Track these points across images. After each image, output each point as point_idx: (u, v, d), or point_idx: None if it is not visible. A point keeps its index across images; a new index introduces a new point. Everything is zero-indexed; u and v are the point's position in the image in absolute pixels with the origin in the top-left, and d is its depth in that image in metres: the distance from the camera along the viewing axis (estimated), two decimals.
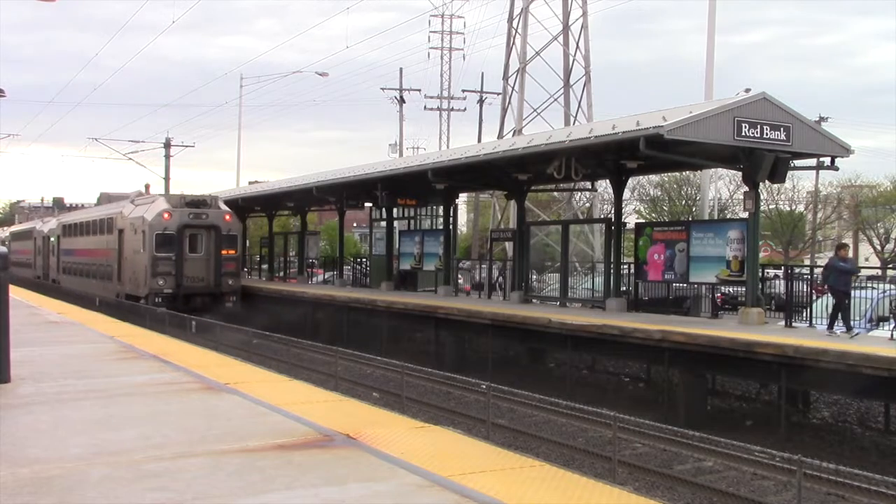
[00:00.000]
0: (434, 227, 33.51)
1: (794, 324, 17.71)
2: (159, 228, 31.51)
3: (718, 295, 22.16)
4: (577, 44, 36.42)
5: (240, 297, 32.93)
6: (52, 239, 48.78)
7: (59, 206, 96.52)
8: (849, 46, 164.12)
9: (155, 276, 31.31)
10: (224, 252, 32.50)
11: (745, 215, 19.52)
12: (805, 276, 20.23)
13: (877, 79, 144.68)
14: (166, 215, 31.84)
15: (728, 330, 16.44)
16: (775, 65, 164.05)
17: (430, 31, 58.86)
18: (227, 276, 32.48)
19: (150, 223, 31.71)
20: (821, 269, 18.05)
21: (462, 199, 55.58)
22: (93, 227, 40.42)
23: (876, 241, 63.25)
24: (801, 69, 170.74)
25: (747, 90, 30.55)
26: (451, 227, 30.52)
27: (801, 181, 61.57)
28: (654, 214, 62.80)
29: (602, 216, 37.72)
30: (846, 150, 18.55)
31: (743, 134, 17.05)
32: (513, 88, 37.07)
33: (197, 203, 32.93)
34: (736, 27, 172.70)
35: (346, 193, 32.44)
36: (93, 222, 40.78)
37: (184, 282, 31.49)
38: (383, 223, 34.50)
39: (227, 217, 33.28)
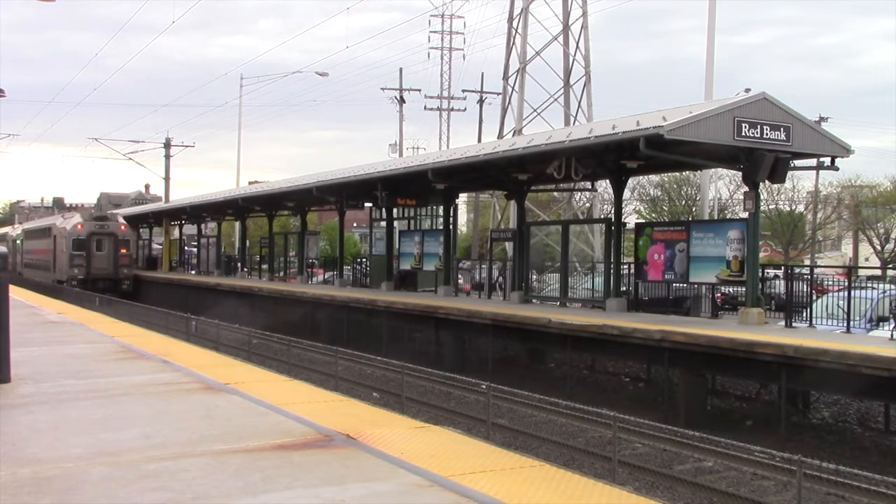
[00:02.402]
0: (434, 227, 33.49)
1: (794, 324, 17.69)
2: (75, 235, 46.28)
3: (718, 295, 22.14)
4: (577, 44, 36.43)
5: (132, 282, 47.42)
6: (18, 241, 63.25)
7: (58, 206, 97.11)
8: (850, 47, 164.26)
9: (72, 267, 45.97)
10: (121, 251, 47.36)
11: (745, 215, 19.51)
12: (805, 276, 20.21)
13: (878, 79, 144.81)
14: (79, 226, 46.75)
15: (728, 330, 16.42)
16: (776, 65, 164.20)
17: (431, 31, 58.93)
18: (122, 267, 47.32)
19: (69, 231, 46.61)
20: (821, 270, 18.03)
21: (462, 199, 55.59)
22: (40, 233, 55.24)
23: (876, 241, 63.26)
24: (803, 69, 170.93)
25: (747, 90, 30.59)
26: (451, 227, 30.50)
27: (801, 181, 61.71)
28: (654, 214, 62.84)
29: (602, 216, 37.71)
30: (846, 150, 18.54)
31: (743, 134, 17.03)
32: (513, 88, 37.06)
33: (101, 218, 48.24)
34: (737, 27, 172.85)
35: (346, 193, 32.41)
36: (40, 229, 56.15)
37: (92, 271, 46.07)
38: (383, 223, 34.48)
39: (123, 227, 48.35)
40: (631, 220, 40.60)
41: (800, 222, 63.91)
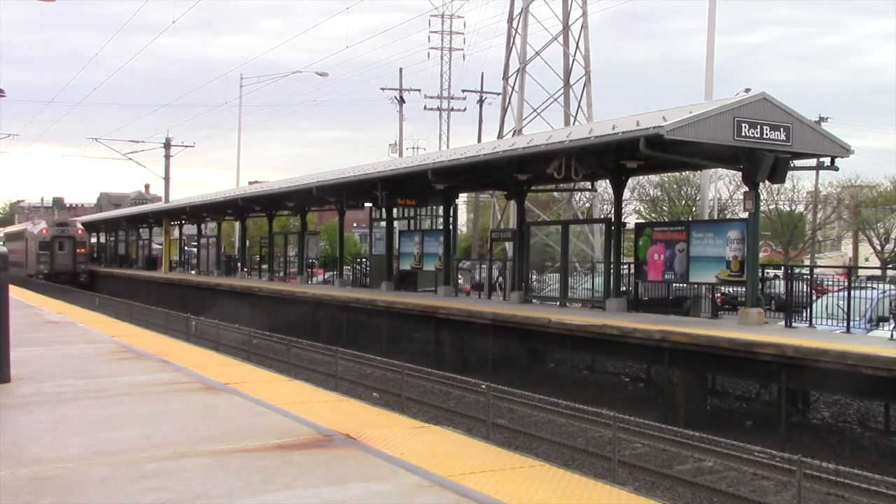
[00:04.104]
0: (434, 227, 33.47)
1: (794, 324, 17.69)
2: (40, 238, 57.79)
3: (718, 295, 22.13)
4: (577, 44, 36.32)
5: (89, 276, 58.14)
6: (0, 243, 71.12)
7: (58, 206, 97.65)
8: (851, 47, 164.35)
9: (38, 263, 56.96)
10: (78, 250, 58.77)
11: (745, 215, 19.50)
12: (805, 277, 20.19)
13: (878, 79, 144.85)
14: (44, 231, 58.18)
15: (728, 330, 16.42)
16: (777, 65, 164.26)
17: (431, 31, 58.90)
18: (80, 263, 58.53)
19: (35, 235, 58.27)
20: (821, 270, 18.03)
21: (462, 199, 55.58)
22: (16, 236, 66.86)
23: (876, 241, 63.24)
24: (804, 69, 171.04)
25: (747, 90, 30.55)
26: (451, 227, 30.48)
27: (801, 181, 61.68)
28: (654, 214, 62.81)
29: (602, 216, 37.66)
30: (846, 150, 18.54)
31: (743, 134, 17.03)
32: (513, 88, 37.00)
33: (62, 224, 60.84)
34: (737, 27, 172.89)
35: (346, 193, 32.40)
36: (16, 233, 68.90)
37: (55, 267, 56.63)
38: (383, 223, 34.46)
39: (80, 231, 60.31)
40: (631, 220, 40.61)
41: (800, 222, 63.88)
